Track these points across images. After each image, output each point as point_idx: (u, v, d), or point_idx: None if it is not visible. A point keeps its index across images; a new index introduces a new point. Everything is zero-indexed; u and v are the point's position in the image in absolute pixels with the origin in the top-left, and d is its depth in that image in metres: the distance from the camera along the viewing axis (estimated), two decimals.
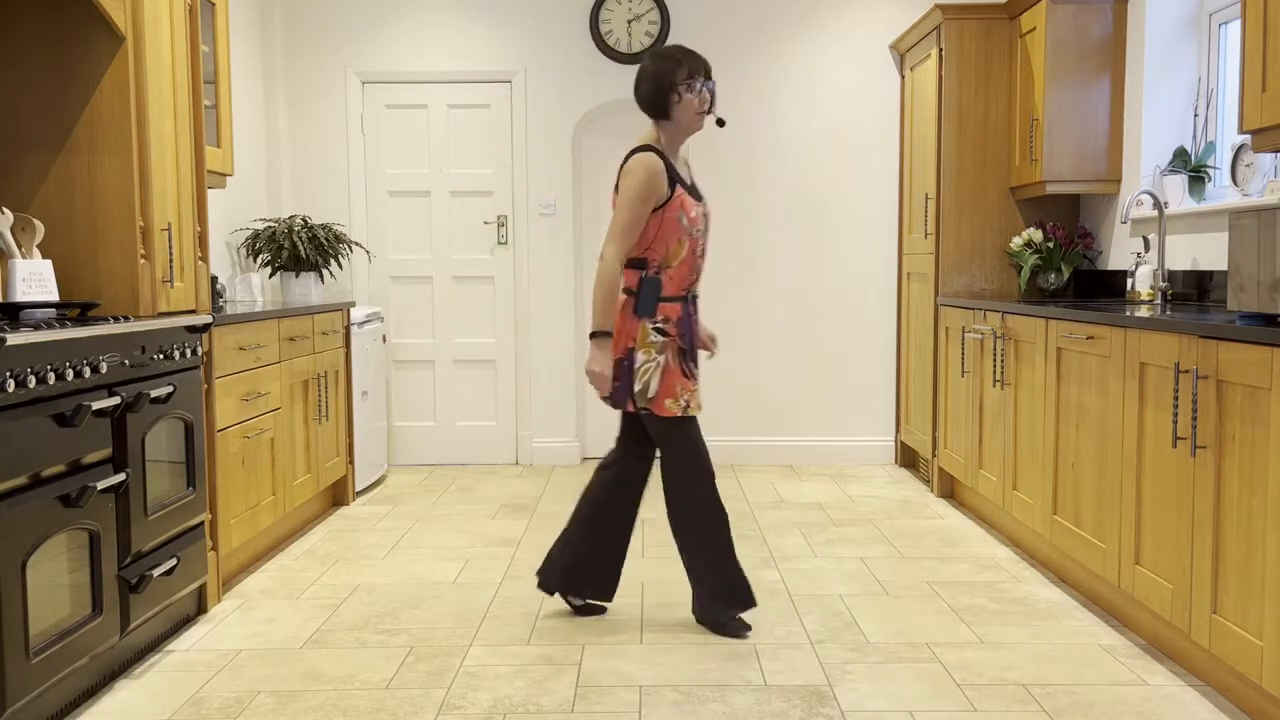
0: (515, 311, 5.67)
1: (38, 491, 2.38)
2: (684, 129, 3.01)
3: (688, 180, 3.06)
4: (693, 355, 3.06)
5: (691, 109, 2.96)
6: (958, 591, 3.45)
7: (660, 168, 2.93)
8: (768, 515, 4.51)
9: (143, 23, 3.05)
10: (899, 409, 5.60)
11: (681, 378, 3.01)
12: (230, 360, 3.50)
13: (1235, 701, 2.57)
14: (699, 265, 3.05)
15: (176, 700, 2.65)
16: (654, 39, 5.48)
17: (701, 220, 3.03)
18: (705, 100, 2.97)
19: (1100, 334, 3.14)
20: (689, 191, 3.01)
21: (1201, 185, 4.01)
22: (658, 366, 2.99)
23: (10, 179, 3.05)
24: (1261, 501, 2.36)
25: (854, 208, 5.60)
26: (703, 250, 3.06)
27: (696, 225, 2.99)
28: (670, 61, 2.96)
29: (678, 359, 3.01)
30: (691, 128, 3.00)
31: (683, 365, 3.02)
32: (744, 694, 2.65)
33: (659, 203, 2.94)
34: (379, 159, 5.62)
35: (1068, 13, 4.38)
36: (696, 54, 2.98)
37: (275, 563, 3.86)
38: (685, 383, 3.02)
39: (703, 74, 2.97)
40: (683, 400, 3.01)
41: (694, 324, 3.08)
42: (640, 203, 2.92)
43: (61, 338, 2.44)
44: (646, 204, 2.92)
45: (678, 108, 2.97)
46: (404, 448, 5.71)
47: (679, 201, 2.95)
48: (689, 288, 3.04)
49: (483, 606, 3.35)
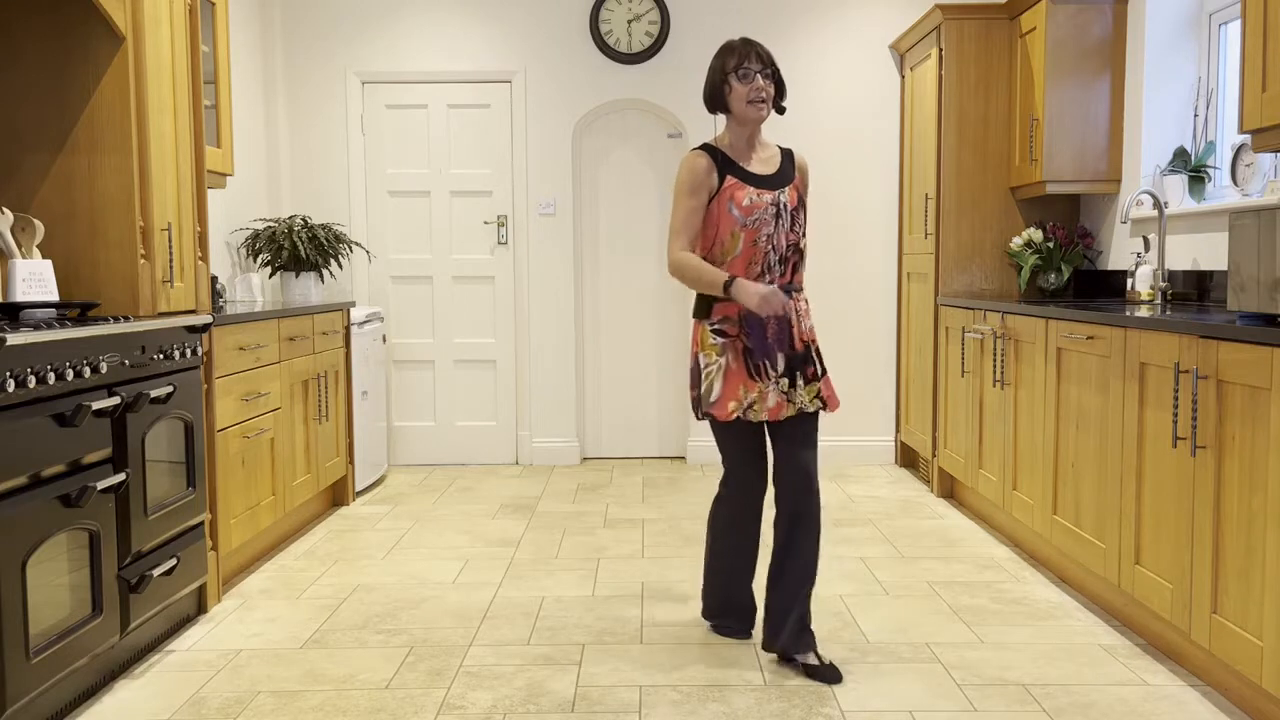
0: (515, 311, 5.67)
1: (38, 491, 2.38)
2: (741, 119, 2.89)
3: (758, 170, 2.91)
4: (763, 354, 2.84)
5: (743, 99, 2.85)
6: (958, 591, 3.45)
7: (700, 163, 2.86)
8: (767, 515, 4.51)
9: (143, 22, 3.05)
10: (899, 409, 5.60)
11: (746, 379, 2.84)
12: (230, 360, 3.50)
13: (1235, 701, 2.57)
14: (766, 258, 2.85)
15: (176, 700, 2.65)
16: (654, 39, 5.48)
17: (765, 208, 2.84)
18: (757, 89, 2.83)
19: (1100, 334, 3.14)
20: (752, 180, 2.87)
21: (1201, 185, 4.01)
22: (719, 369, 2.86)
23: (10, 179, 3.05)
24: (1261, 501, 2.36)
25: (854, 207, 5.60)
26: (771, 239, 2.85)
27: (752, 214, 2.83)
28: (723, 53, 2.89)
29: (742, 360, 2.85)
30: (748, 117, 2.87)
31: (748, 365, 2.84)
32: (744, 694, 2.65)
33: (710, 195, 2.87)
34: (379, 159, 5.62)
35: (1068, 13, 4.38)
36: (753, 43, 2.87)
37: (275, 563, 3.86)
38: (751, 384, 2.83)
39: (756, 60, 2.84)
40: (745, 403, 2.84)
41: (768, 322, 2.84)
42: (684, 198, 2.87)
43: (61, 338, 2.44)
44: (692, 198, 2.86)
45: (731, 99, 2.87)
46: (404, 448, 5.71)
47: (728, 193, 2.85)
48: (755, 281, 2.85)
49: (483, 606, 3.35)
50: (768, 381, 2.83)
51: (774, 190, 2.88)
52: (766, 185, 2.88)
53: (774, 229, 2.85)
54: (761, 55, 2.85)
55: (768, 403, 2.83)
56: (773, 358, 2.84)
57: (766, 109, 2.85)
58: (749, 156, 2.92)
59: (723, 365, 2.86)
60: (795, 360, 2.85)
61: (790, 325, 2.86)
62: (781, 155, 2.97)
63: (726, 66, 2.86)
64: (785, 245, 2.87)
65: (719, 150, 2.90)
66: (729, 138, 2.93)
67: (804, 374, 2.86)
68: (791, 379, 2.85)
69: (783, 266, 2.87)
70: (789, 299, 2.80)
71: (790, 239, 2.87)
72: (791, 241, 2.88)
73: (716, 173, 2.86)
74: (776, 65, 2.88)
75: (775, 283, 2.86)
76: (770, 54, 2.87)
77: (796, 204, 2.90)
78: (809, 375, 2.86)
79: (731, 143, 2.93)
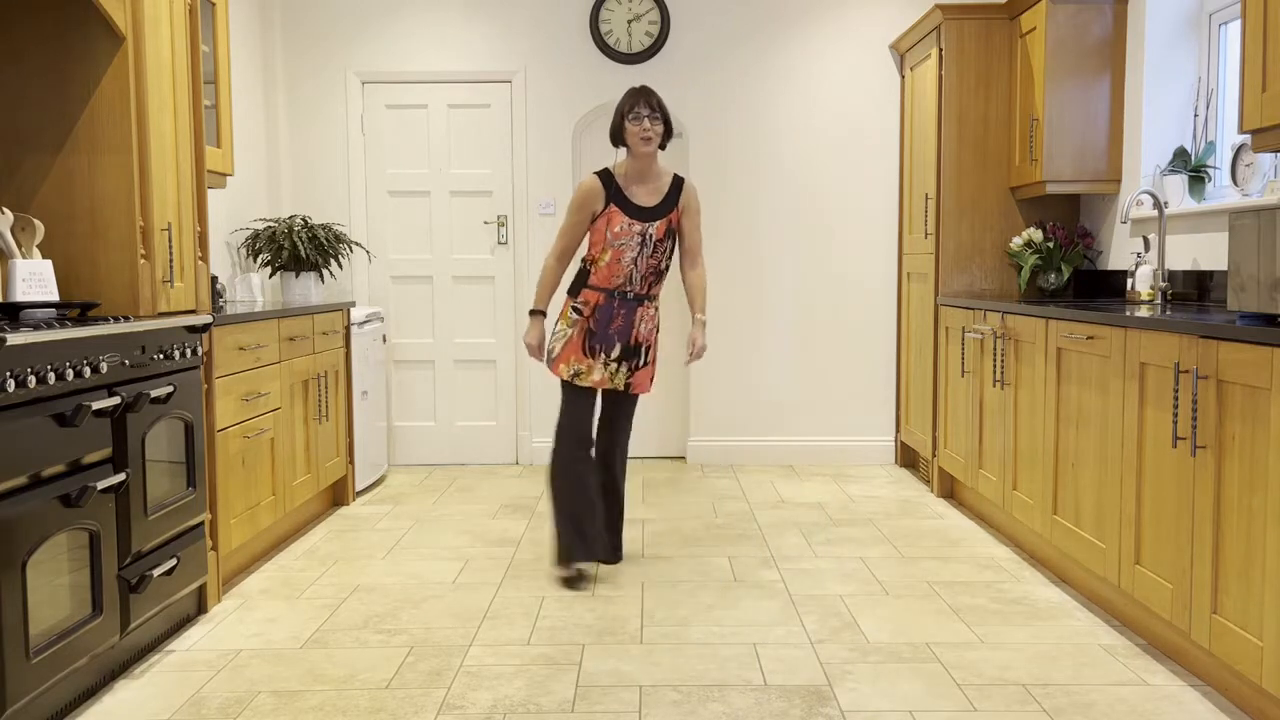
0: (515, 311, 5.67)
1: (38, 491, 2.38)
2: (634, 153, 3.53)
3: (640, 201, 3.54)
4: (602, 340, 3.53)
5: (636, 136, 3.49)
6: (958, 591, 3.45)
7: (592, 187, 3.52)
8: (768, 515, 4.51)
9: (143, 22, 3.05)
10: (899, 409, 5.60)
11: (579, 352, 3.54)
12: (230, 360, 3.50)
13: (1235, 701, 2.57)
14: (628, 272, 3.53)
15: (176, 700, 2.65)
16: (654, 39, 5.48)
17: (632, 235, 3.51)
18: (644, 129, 3.48)
19: (1100, 334, 3.14)
20: (628, 210, 3.52)
21: (1201, 185, 4.01)
22: (564, 337, 3.56)
23: (10, 179, 3.05)
24: (1261, 501, 2.36)
25: (854, 207, 5.60)
26: (634, 260, 3.52)
27: (621, 239, 3.51)
28: (624, 98, 3.52)
29: (583, 336, 3.53)
30: (638, 151, 3.52)
31: (585, 343, 3.53)
32: (744, 694, 2.65)
33: (594, 215, 3.54)
34: (379, 159, 5.62)
35: (1068, 13, 4.38)
36: (645, 91, 3.50)
37: (275, 563, 3.86)
38: (582, 357, 3.54)
39: (645, 106, 3.47)
40: (572, 369, 3.53)
41: (615, 317, 3.54)
42: (570, 213, 3.57)
43: (61, 338, 2.44)
44: (575, 215, 3.55)
45: (626, 136, 3.52)
46: (404, 448, 5.71)
47: (607, 217, 3.52)
48: (616, 286, 3.54)
49: (483, 606, 3.35)
50: (597, 360, 3.54)
51: (645, 222, 3.53)
52: (641, 217, 3.54)
53: (638, 254, 3.54)
54: (650, 102, 3.50)
55: (594, 375, 3.54)
56: (609, 344, 3.55)
57: (653, 145, 3.50)
58: (638, 186, 3.56)
59: (568, 336, 3.55)
60: (627, 351, 3.57)
61: (631, 326, 3.56)
62: (670, 186, 3.60)
63: (623, 109, 3.50)
64: (646, 267, 3.56)
65: (613, 179, 3.55)
66: (625, 166, 3.57)
67: (628, 363, 3.58)
68: (619, 364, 3.56)
69: (642, 282, 3.57)
70: (540, 358, 3.65)
71: (651, 263, 3.56)
72: (652, 265, 3.57)
73: (604, 198, 3.53)
74: (665, 110, 3.53)
75: (633, 292, 3.55)
76: (661, 101, 3.52)
77: (663, 235, 3.56)
78: (631, 365, 3.58)
79: (627, 171, 3.56)
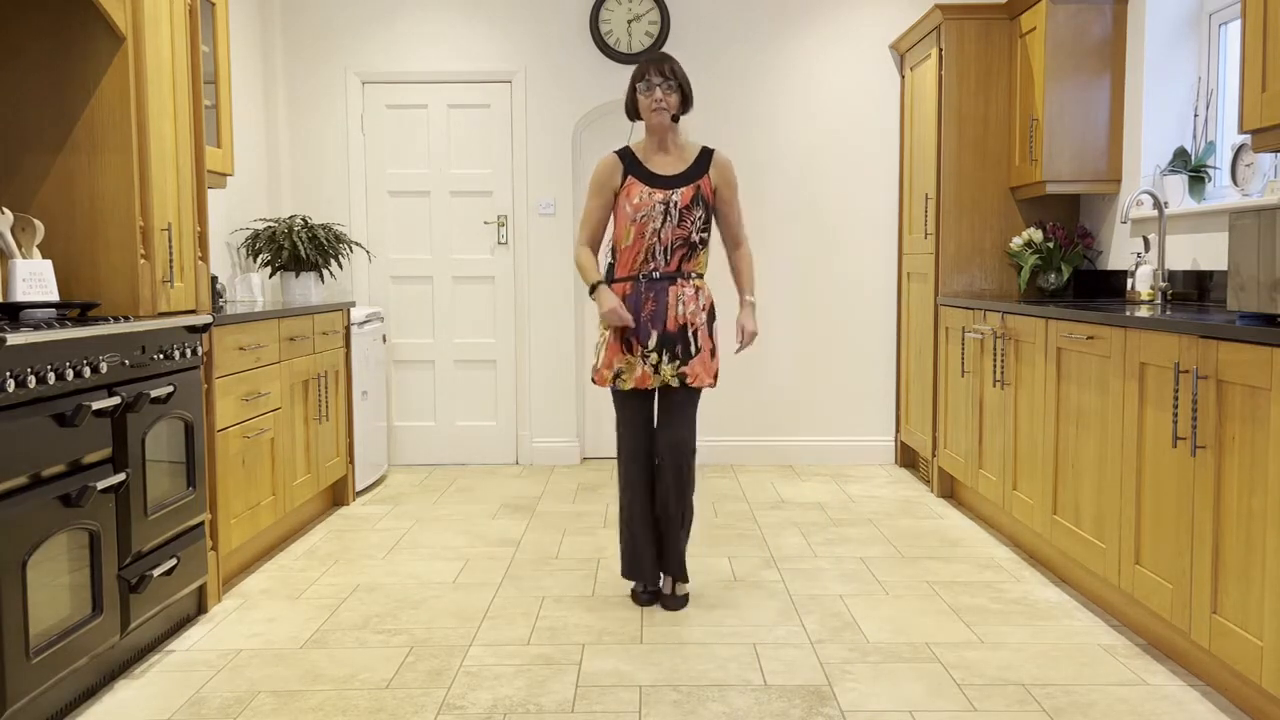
0: (515, 311, 5.67)
1: (38, 491, 2.38)
2: (648, 125, 3.31)
3: (660, 170, 3.29)
4: (637, 330, 3.25)
5: (647, 108, 3.26)
6: (958, 591, 3.45)
7: (606, 165, 3.30)
8: (768, 515, 4.51)
9: (143, 23, 3.05)
10: (899, 409, 5.60)
11: (618, 351, 3.27)
12: (230, 360, 3.50)
13: (1235, 701, 2.57)
14: (651, 247, 3.24)
15: (176, 700, 2.65)
16: (654, 39, 5.48)
17: (654, 205, 3.23)
18: (657, 100, 3.23)
19: (1100, 334, 3.14)
20: (646, 179, 3.27)
21: (1201, 185, 4.01)
22: (603, 342, 3.32)
23: (10, 179, 3.05)
24: (1261, 501, 2.36)
25: (854, 208, 5.60)
26: (658, 232, 3.24)
27: (642, 209, 3.24)
28: (635, 70, 3.28)
29: (618, 333, 3.27)
30: (651, 122, 3.28)
31: (622, 339, 3.26)
32: (744, 694, 2.65)
33: (615, 193, 3.31)
34: (379, 159, 5.62)
35: (1068, 13, 4.38)
36: (658, 59, 3.24)
37: (275, 563, 3.86)
38: (621, 354, 3.27)
39: (656, 75, 3.23)
40: (614, 371, 3.28)
41: (645, 303, 3.25)
42: (590, 198, 3.34)
43: (61, 338, 2.44)
44: (596, 198, 3.32)
45: (639, 108, 3.29)
46: (404, 448, 5.71)
47: (626, 190, 3.27)
48: (639, 269, 3.27)
49: (483, 606, 3.35)
50: (635, 354, 3.25)
51: (667, 190, 3.25)
52: (663, 185, 3.26)
53: (661, 225, 3.24)
54: (663, 70, 3.23)
55: (635, 373, 3.26)
56: (645, 334, 3.24)
57: (666, 116, 3.24)
58: (657, 158, 3.31)
59: (606, 339, 3.31)
60: (667, 339, 3.24)
61: (666, 309, 3.23)
62: (699, 155, 3.33)
63: (634, 80, 3.27)
64: (672, 239, 3.25)
65: (631, 153, 3.32)
66: (643, 141, 3.35)
67: (672, 352, 3.23)
68: (660, 355, 3.24)
69: (668, 256, 3.25)
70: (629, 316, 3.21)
71: (679, 234, 3.24)
72: (680, 236, 3.25)
73: (621, 172, 3.29)
74: (682, 77, 3.26)
75: (660, 271, 3.25)
76: (676, 68, 3.24)
77: (689, 202, 3.25)
78: (676, 354, 3.23)
79: (645, 145, 3.33)
